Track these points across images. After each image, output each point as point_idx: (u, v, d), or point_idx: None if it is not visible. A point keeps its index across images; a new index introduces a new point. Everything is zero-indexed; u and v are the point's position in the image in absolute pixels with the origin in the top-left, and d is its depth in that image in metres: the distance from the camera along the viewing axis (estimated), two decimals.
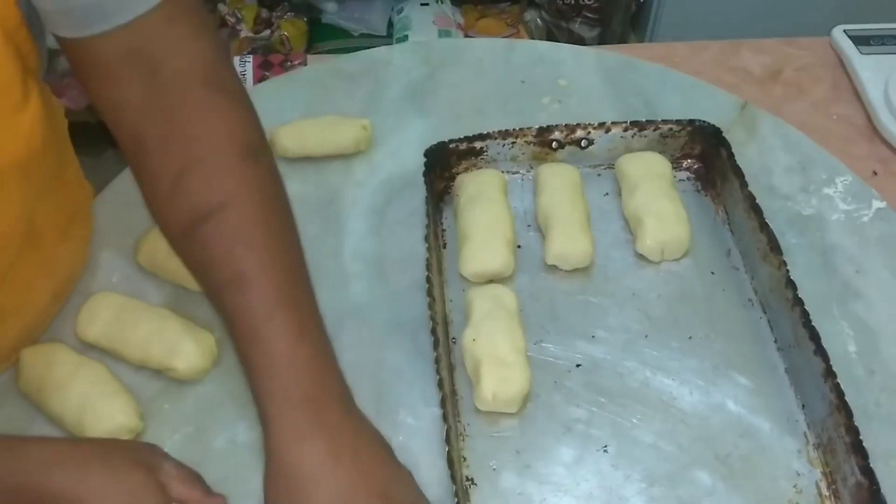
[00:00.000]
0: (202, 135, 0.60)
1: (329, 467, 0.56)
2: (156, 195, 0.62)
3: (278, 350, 0.57)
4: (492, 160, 0.91)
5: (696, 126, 0.90)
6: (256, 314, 0.57)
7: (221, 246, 0.59)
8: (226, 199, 0.59)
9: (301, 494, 0.55)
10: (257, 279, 0.58)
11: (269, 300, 0.58)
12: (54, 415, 0.71)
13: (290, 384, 0.57)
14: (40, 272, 0.74)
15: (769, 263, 0.78)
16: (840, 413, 0.67)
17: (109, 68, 0.61)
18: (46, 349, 0.74)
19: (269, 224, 0.60)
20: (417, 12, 1.97)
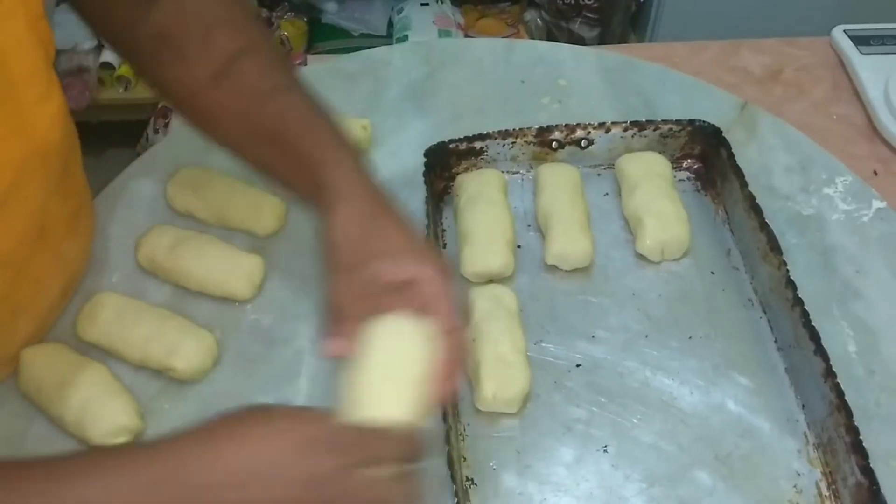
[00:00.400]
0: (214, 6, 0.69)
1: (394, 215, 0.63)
2: (185, 62, 0.68)
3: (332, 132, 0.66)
4: (492, 160, 0.91)
5: (696, 126, 0.90)
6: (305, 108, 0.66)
7: (259, 68, 0.68)
8: (251, 40, 0.69)
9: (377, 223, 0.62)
10: (298, 86, 0.68)
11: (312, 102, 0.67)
12: (55, 415, 0.71)
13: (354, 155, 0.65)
14: (51, 267, 0.75)
15: (769, 263, 0.78)
16: (840, 413, 0.67)
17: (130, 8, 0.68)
18: (47, 349, 0.74)
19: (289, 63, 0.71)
20: (417, 12, 1.98)
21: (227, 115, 0.69)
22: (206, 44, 0.68)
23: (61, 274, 0.77)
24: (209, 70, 0.67)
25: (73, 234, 0.78)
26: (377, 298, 0.60)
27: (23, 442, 0.72)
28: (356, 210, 0.62)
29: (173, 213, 0.88)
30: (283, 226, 0.87)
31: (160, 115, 1.77)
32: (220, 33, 0.68)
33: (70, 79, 1.82)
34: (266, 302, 0.81)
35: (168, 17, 0.68)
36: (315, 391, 0.75)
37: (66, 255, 0.77)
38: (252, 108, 0.67)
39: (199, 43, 0.68)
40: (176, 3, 0.68)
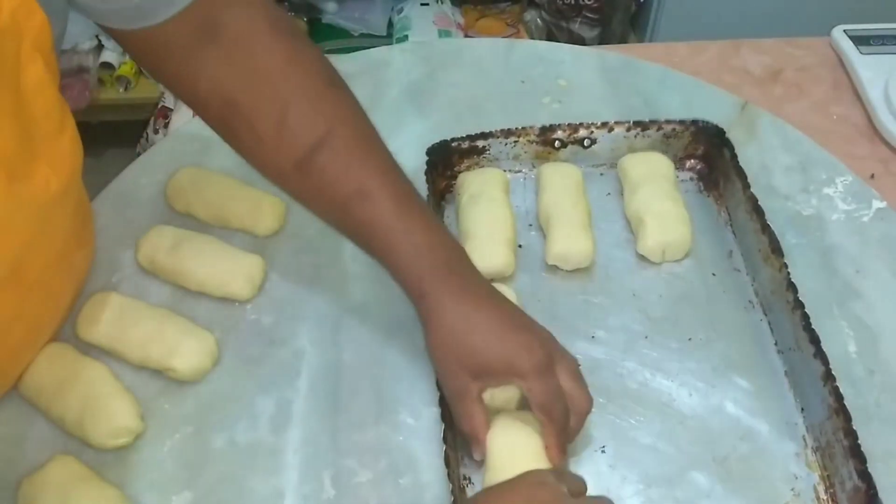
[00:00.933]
0: (288, 76, 0.65)
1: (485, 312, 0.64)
2: (261, 144, 0.66)
3: (417, 239, 0.65)
4: (494, 159, 0.91)
5: (699, 126, 0.90)
6: (386, 215, 0.64)
7: (338, 166, 0.65)
8: (330, 126, 0.65)
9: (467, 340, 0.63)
10: (380, 188, 0.65)
11: (395, 203, 0.65)
12: (55, 416, 0.71)
13: (439, 262, 0.65)
14: (67, 282, 0.75)
15: (770, 265, 0.78)
16: (839, 417, 0.67)
17: (179, 47, 0.64)
18: (47, 350, 0.74)
19: (372, 140, 0.67)
20: (417, 12, 1.97)
21: (317, 208, 0.69)
22: (282, 128, 0.64)
23: (74, 284, 0.78)
24: (290, 159, 0.65)
25: (82, 244, 0.78)
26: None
27: (23, 443, 0.72)
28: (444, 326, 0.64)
29: (173, 213, 0.88)
30: (283, 226, 0.87)
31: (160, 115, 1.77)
32: (296, 116, 0.65)
33: (70, 79, 1.82)
34: (266, 302, 0.81)
35: (235, 80, 0.65)
36: (315, 391, 0.75)
37: (76, 266, 0.77)
38: (335, 207, 0.67)
39: (274, 125, 0.64)
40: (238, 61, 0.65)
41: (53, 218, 0.65)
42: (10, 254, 0.60)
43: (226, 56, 0.64)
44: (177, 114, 1.72)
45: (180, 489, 0.69)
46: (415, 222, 0.65)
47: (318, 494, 0.68)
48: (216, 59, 0.64)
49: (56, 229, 0.67)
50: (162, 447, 0.71)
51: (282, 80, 0.65)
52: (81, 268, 0.79)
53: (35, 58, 0.57)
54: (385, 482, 0.69)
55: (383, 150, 0.68)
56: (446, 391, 0.67)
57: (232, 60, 0.65)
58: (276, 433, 0.72)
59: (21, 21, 0.55)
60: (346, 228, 0.68)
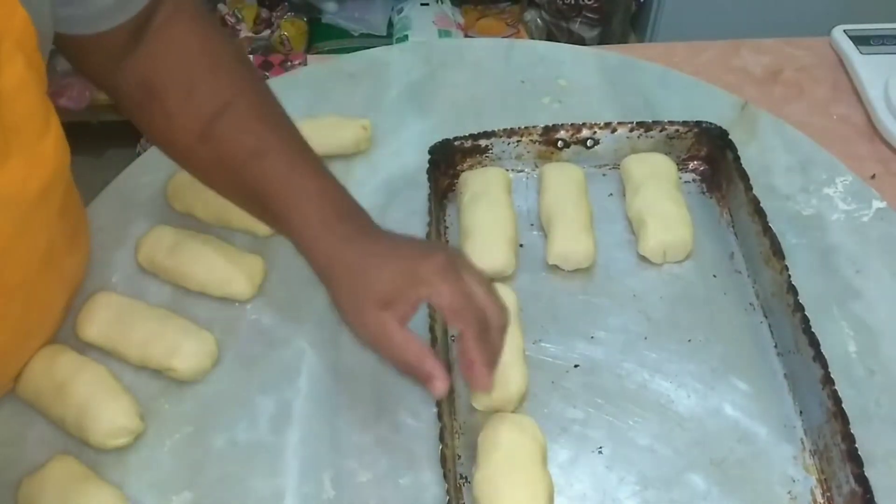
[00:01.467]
0: (195, 55, 0.69)
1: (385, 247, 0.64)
2: (169, 120, 0.68)
3: (311, 187, 0.65)
4: (496, 158, 0.91)
5: (702, 127, 0.90)
6: (282, 170, 0.65)
7: (237, 131, 0.67)
8: (232, 95, 0.67)
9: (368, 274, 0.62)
10: (277, 145, 0.66)
11: (290, 158, 0.66)
12: (55, 416, 0.71)
13: (329, 208, 0.65)
14: (57, 288, 0.75)
15: (771, 267, 0.78)
16: (837, 420, 0.67)
17: (115, 52, 0.67)
18: (46, 351, 0.74)
19: (270, 107, 0.70)
20: (417, 12, 1.98)
21: (214, 176, 0.70)
22: (188, 101, 0.67)
23: (65, 291, 0.77)
24: (194, 130, 0.67)
25: (74, 250, 0.78)
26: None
27: (23, 443, 0.72)
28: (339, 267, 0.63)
29: (173, 213, 0.88)
30: None
31: None
32: (202, 89, 0.67)
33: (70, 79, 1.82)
34: (266, 302, 0.81)
35: (150, 66, 0.68)
36: (315, 391, 0.75)
37: (68, 271, 0.77)
38: (233, 171, 0.67)
39: (182, 99, 0.67)
40: (158, 50, 0.68)
41: (34, 219, 0.64)
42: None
43: (144, 48, 0.68)
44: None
45: (180, 489, 0.69)
46: (312, 171, 0.66)
47: (318, 494, 0.68)
48: (140, 52, 0.68)
49: (38, 231, 0.67)
50: (162, 447, 0.71)
51: (189, 59, 0.68)
52: (73, 273, 0.79)
53: (15, 57, 0.57)
54: (385, 482, 0.69)
55: (281, 115, 0.70)
56: (366, 339, 0.63)
57: (149, 50, 0.68)
58: (276, 433, 0.72)
59: (1, 20, 0.55)
60: (244, 193, 0.68)
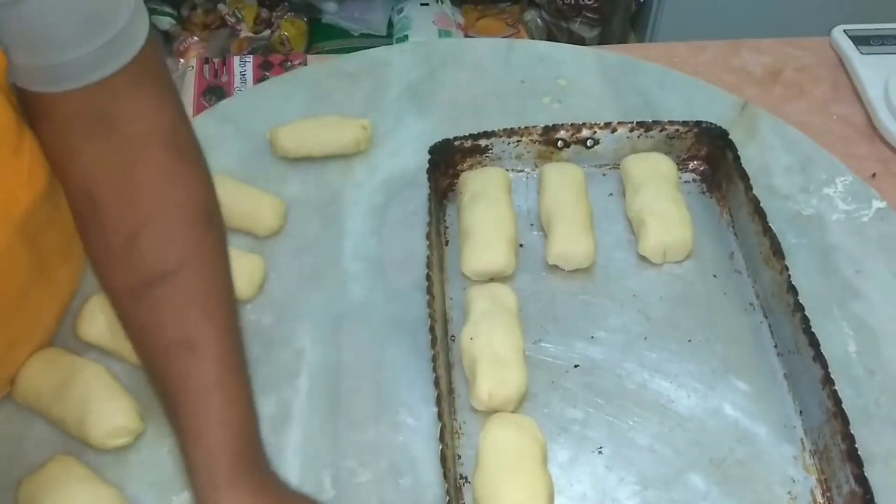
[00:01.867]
0: (159, 196, 0.61)
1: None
2: (107, 254, 0.61)
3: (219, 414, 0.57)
4: (496, 158, 0.91)
5: (702, 127, 0.90)
6: (204, 379, 0.58)
7: (173, 308, 0.59)
8: (181, 263, 0.60)
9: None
10: (208, 344, 0.58)
11: (218, 365, 0.58)
12: (55, 417, 0.71)
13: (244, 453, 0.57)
14: (47, 297, 0.74)
15: (771, 268, 0.78)
16: (836, 420, 0.67)
17: (70, 122, 0.60)
18: (41, 356, 0.74)
19: (220, 290, 0.61)
20: (417, 12, 1.97)
21: (139, 346, 0.62)
22: (130, 248, 0.59)
23: (57, 301, 0.77)
24: (129, 283, 0.60)
25: (68, 260, 0.77)
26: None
27: (23, 443, 0.72)
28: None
29: None
30: (283, 226, 0.87)
31: None
32: (149, 241, 0.59)
33: None
34: (266, 302, 0.81)
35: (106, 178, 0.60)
36: (315, 391, 0.75)
37: (61, 281, 0.77)
38: (154, 351, 0.60)
39: (124, 242, 0.59)
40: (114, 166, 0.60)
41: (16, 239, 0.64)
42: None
43: (108, 152, 0.60)
44: None
45: (180, 489, 0.69)
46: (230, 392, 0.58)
47: (318, 494, 0.68)
48: (98, 150, 0.60)
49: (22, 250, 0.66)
50: (162, 447, 0.71)
51: (149, 201, 0.60)
52: (67, 283, 0.78)
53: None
54: (385, 482, 0.69)
55: (229, 304, 0.62)
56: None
57: (111, 159, 0.60)
58: (276, 433, 0.72)
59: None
60: (159, 376, 0.60)
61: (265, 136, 0.93)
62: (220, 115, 0.99)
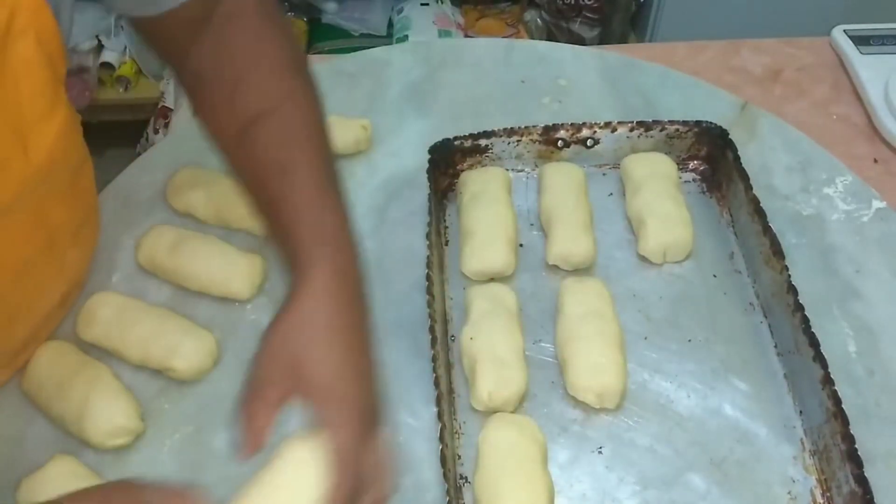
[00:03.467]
0: (253, 52, 0.68)
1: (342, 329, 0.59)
2: (214, 111, 0.68)
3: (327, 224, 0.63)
4: (497, 158, 0.91)
5: (702, 127, 0.90)
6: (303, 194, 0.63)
7: (270, 139, 0.66)
8: (275, 105, 0.66)
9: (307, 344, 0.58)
10: (304, 167, 0.65)
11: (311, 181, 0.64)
12: (55, 415, 0.71)
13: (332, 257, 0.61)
14: (52, 274, 0.75)
15: (771, 268, 0.78)
16: (836, 421, 0.67)
17: (181, 33, 0.67)
18: (52, 347, 0.74)
19: (311, 126, 0.68)
20: (417, 12, 1.97)
21: (244, 178, 0.68)
22: (231, 99, 0.67)
23: (63, 281, 0.77)
24: (233, 128, 0.67)
25: (78, 243, 0.78)
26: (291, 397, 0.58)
27: (23, 443, 0.72)
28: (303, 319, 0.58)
29: (173, 213, 0.88)
30: None
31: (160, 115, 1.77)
32: (246, 90, 0.67)
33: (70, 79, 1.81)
34: (266, 302, 0.81)
35: (205, 56, 0.68)
36: None
37: (69, 262, 0.77)
38: (258, 180, 0.66)
39: (227, 96, 0.67)
40: (214, 42, 0.68)
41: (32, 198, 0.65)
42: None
43: (209, 36, 0.68)
44: (177, 114, 1.72)
45: None
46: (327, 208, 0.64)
47: None
48: (203, 38, 0.68)
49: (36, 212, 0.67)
50: (162, 447, 0.71)
51: (242, 58, 0.68)
52: (76, 267, 0.79)
53: (27, 35, 0.58)
54: None
55: (319, 133, 0.68)
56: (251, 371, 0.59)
57: (211, 40, 0.68)
58: (275, 433, 0.72)
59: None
60: (264, 202, 0.66)
61: None
62: None
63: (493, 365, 0.72)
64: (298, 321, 0.58)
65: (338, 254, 0.62)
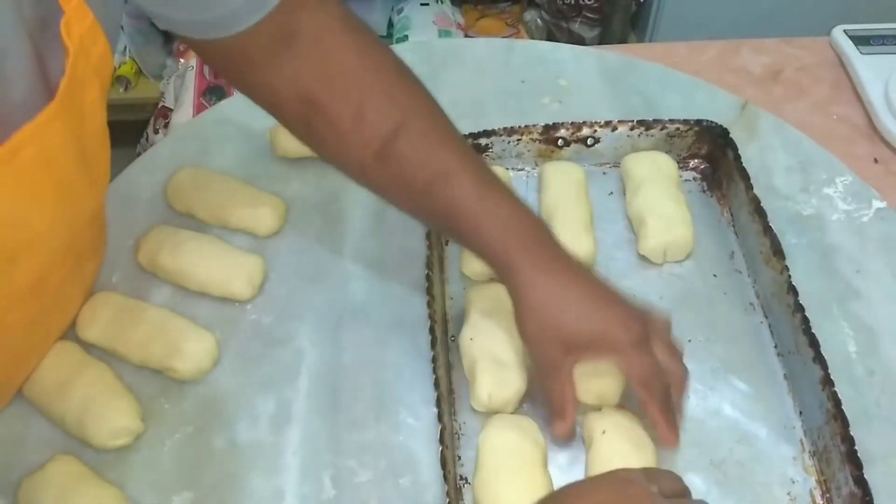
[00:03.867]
0: (361, 71, 0.66)
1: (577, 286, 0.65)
2: (340, 139, 0.67)
3: (503, 213, 0.65)
4: (497, 157, 0.91)
5: (703, 126, 0.90)
6: (469, 195, 0.65)
7: (418, 153, 0.66)
8: (405, 116, 0.66)
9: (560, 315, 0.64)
10: (459, 169, 0.65)
11: (475, 182, 0.65)
12: (55, 415, 0.71)
13: (526, 236, 0.65)
14: (76, 289, 0.76)
15: (772, 267, 0.78)
16: (836, 422, 0.67)
17: (258, 55, 0.65)
18: (53, 347, 0.74)
19: (446, 125, 0.69)
20: (417, 12, 1.97)
21: (394, 195, 0.69)
22: (360, 121, 0.65)
23: (83, 292, 0.78)
24: (368, 151, 0.66)
25: (95, 255, 0.79)
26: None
27: (23, 443, 0.72)
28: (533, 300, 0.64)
29: (173, 213, 0.88)
30: (283, 226, 0.87)
31: (160, 115, 1.77)
32: (373, 109, 0.66)
33: None
34: (266, 302, 0.81)
35: (310, 79, 0.66)
36: (315, 391, 0.75)
37: (87, 275, 0.78)
38: (416, 192, 0.67)
39: (353, 119, 0.66)
40: (316, 61, 0.65)
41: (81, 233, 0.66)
42: (39, 267, 0.61)
43: (302, 58, 0.65)
44: (177, 114, 1.72)
45: (180, 489, 0.69)
46: (497, 199, 0.66)
47: (318, 494, 0.68)
48: (292, 62, 0.65)
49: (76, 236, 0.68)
50: (162, 447, 0.71)
51: (356, 76, 0.66)
52: (91, 276, 0.79)
53: (95, 79, 0.59)
54: (385, 482, 0.69)
55: (457, 134, 0.69)
56: (538, 364, 0.68)
57: (307, 61, 0.65)
58: (276, 433, 0.72)
59: (87, 46, 0.57)
60: (429, 213, 0.68)
61: (265, 136, 0.93)
62: (220, 115, 0.99)
63: (493, 366, 0.72)
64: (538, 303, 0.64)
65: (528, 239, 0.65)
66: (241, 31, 0.62)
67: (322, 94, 0.66)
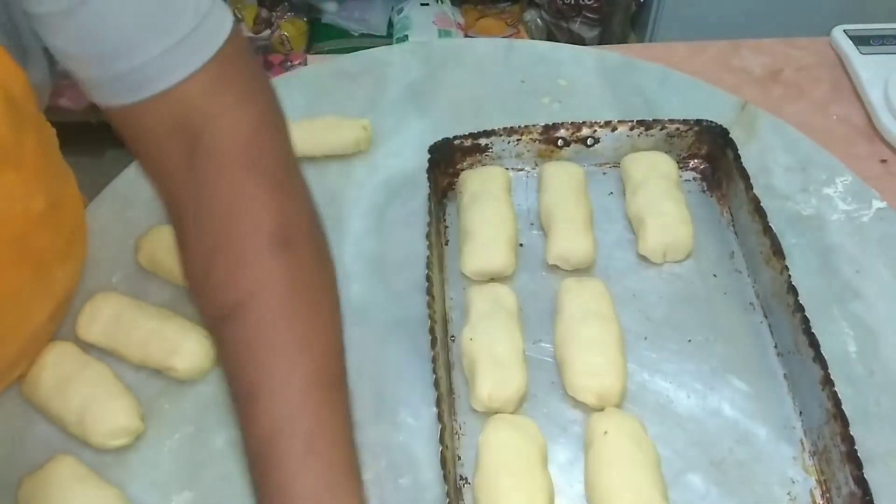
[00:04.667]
0: (232, 220, 0.56)
1: None
2: (191, 276, 0.58)
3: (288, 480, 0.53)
4: (496, 157, 0.91)
5: (703, 126, 0.90)
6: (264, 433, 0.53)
7: (239, 350, 0.55)
8: (247, 296, 0.55)
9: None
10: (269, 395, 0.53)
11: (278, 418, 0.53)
12: (55, 415, 0.71)
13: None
14: (39, 296, 0.73)
15: (772, 267, 0.78)
16: (836, 422, 0.67)
17: (153, 136, 0.58)
18: (53, 347, 0.74)
19: (291, 322, 0.55)
20: (417, 12, 1.98)
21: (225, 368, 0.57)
22: (206, 276, 0.56)
23: (51, 300, 0.75)
24: (208, 312, 0.57)
25: (67, 259, 0.77)
26: None
27: (23, 443, 0.72)
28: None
29: None
30: None
31: None
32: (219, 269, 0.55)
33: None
34: None
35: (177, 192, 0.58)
36: None
37: (57, 280, 0.76)
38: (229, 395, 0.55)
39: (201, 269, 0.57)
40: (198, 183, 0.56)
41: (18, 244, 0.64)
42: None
43: (187, 167, 0.57)
44: None
45: (180, 489, 0.69)
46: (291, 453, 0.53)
47: None
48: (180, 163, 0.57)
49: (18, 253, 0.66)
50: (162, 447, 0.71)
51: (223, 224, 0.56)
52: (65, 282, 0.78)
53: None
54: (385, 482, 0.69)
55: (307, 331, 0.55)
56: None
57: (190, 175, 0.57)
58: None
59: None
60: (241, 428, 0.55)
61: None
62: None
63: (493, 365, 0.72)
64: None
65: None
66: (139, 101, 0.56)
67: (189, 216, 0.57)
